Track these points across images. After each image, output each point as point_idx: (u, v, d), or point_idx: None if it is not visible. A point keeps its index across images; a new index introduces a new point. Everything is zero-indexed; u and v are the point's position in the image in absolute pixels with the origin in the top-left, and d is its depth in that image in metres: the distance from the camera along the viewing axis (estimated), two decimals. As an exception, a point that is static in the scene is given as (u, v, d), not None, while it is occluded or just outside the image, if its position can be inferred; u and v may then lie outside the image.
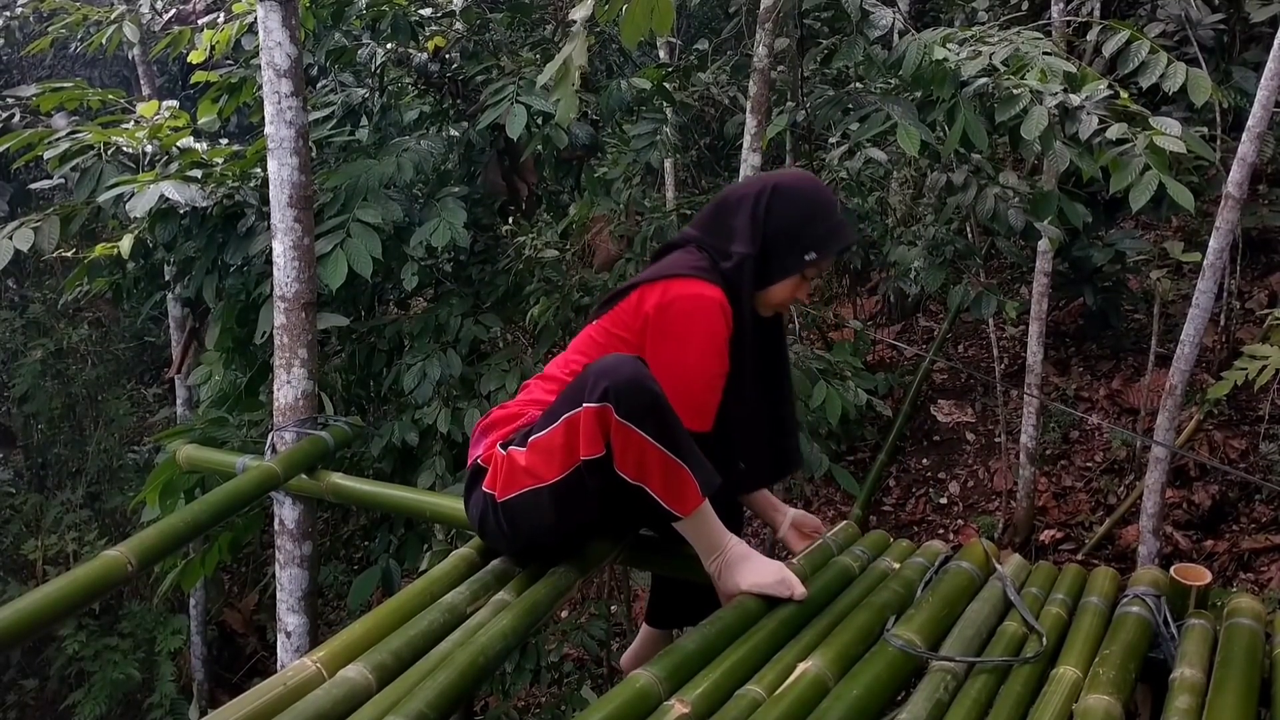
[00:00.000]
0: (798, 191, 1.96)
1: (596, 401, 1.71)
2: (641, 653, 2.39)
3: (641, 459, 1.73)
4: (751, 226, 1.93)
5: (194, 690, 5.90)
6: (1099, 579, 2.01)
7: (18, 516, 6.80)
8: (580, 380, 1.77)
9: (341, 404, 3.72)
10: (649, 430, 1.71)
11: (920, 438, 6.09)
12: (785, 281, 1.96)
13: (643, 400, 1.71)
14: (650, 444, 1.72)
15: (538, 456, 1.82)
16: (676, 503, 1.77)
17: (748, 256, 1.92)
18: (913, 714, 1.51)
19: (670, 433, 1.73)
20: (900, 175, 5.66)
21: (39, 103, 3.66)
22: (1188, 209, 2.76)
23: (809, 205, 1.95)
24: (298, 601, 2.84)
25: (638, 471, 1.74)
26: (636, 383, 1.72)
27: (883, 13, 3.23)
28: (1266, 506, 4.86)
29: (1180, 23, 4.82)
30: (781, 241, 1.93)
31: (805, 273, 1.96)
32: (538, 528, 1.88)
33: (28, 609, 1.82)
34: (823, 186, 2.06)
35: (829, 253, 1.96)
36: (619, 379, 1.71)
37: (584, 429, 1.73)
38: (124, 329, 7.81)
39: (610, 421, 1.71)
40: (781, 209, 1.93)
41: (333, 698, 1.51)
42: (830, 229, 1.95)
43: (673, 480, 1.75)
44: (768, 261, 1.94)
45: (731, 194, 2.02)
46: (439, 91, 3.91)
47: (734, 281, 1.92)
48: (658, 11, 2.37)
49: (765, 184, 1.98)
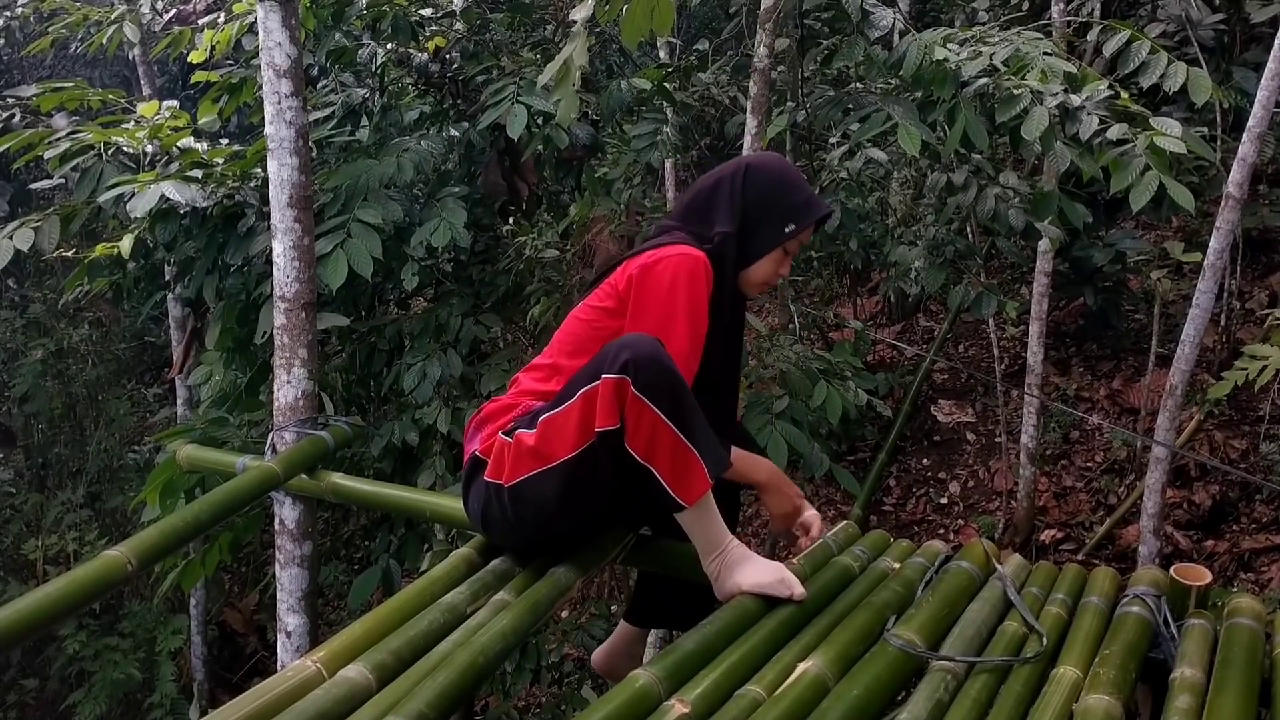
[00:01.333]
0: (770, 168, 2.02)
1: (616, 373, 1.72)
2: (615, 649, 2.39)
3: (653, 437, 1.73)
4: (729, 206, 1.97)
5: (194, 690, 5.91)
6: (1099, 579, 2.01)
7: (18, 516, 6.80)
8: (600, 356, 1.78)
9: (341, 404, 3.72)
10: (664, 408, 1.72)
11: (920, 438, 6.09)
12: (768, 256, 1.99)
13: (661, 376, 1.73)
14: (663, 422, 1.72)
15: (551, 433, 1.81)
16: (682, 489, 1.77)
17: (729, 235, 1.95)
18: (913, 714, 1.51)
19: (684, 414, 1.74)
20: (900, 175, 5.66)
21: (39, 103, 3.66)
22: (1188, 209, 2.76)
23: (782, 179, 2.00)
24: (298, 601, 2.85)
25: (647, 450, 1.74)
26: (657, 359, 1.73)
27: (883, 13, 3.23)
28: (1267, 506, 4.86)
29: (1180, 23, 4.82)
30: (760, 216, 1.97)
31: (786, 246, 2.00)
32: (545, 513, 1.87)
33: (28, 609, 1.82)
34: (791, 164, 2.11)
35: (807, 223, 1.99)
36: (640, 353, 1.73)
37: (601, 400, 1.74)
38: (124, 329, 7.82)
39: (627, 394, 1.72)
40: (757, 185, 1.98)
41: (333, 698, 1.51)
42: (806, 200, 1.99)
43: (680, 464, 1.75)
44: (749, 238, 1.97)
45: (705, 180, 2.05)
46: (439, 91, 3.91)
47: (717, 260, 1.94)
48: (658, 11, 2.37)
49: (738, 165, 2.02)
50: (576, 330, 1.97)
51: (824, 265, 6.86)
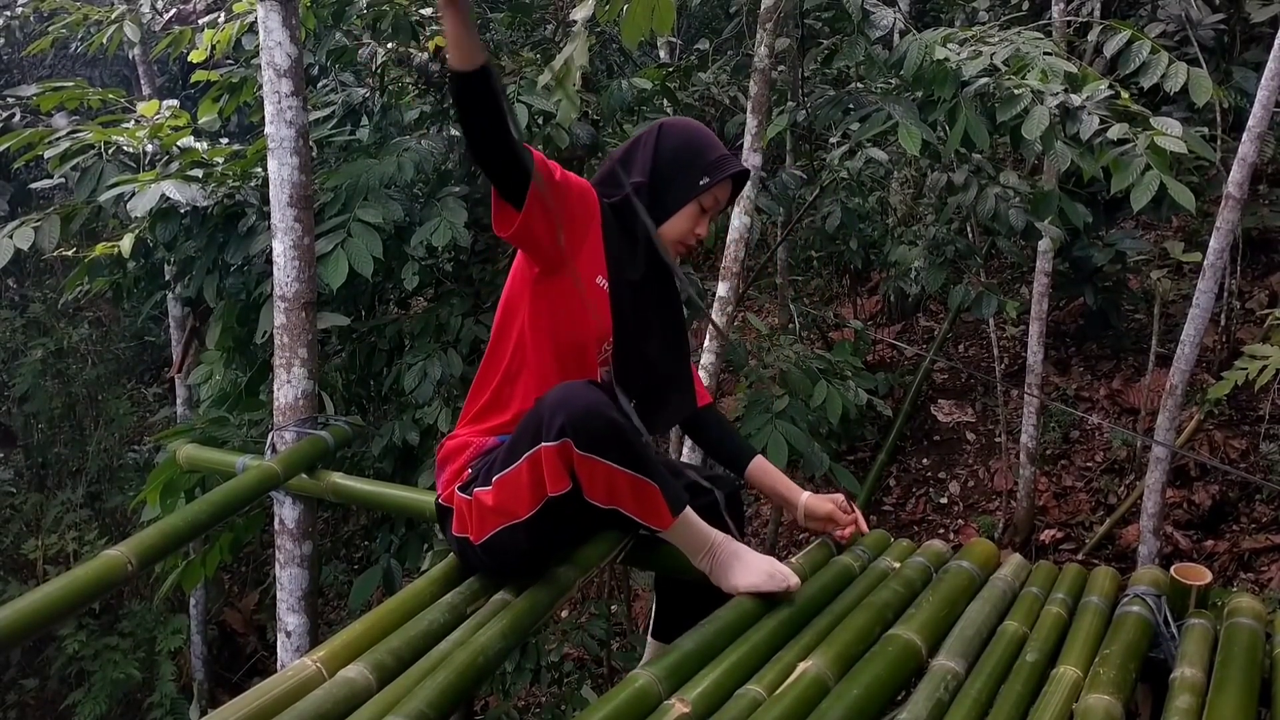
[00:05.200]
0: (684, 126, 2.01)
1: (555, 440, 1.69)
2: None
3: (611, 485, 1.72)
4: (642, 160, 1.95)
5: (194, 690, 5.91)
6: (1099, 579, 2.01)
7: (18, 516, 6.80)
8: (535, 415, 1.74)
9: (342, 404, 3.72)
10: (612, 458, 1.69)
11: (920, 437, 6.10)
12: (683, 211, 1.96)
13: (601, 429, 1.69)
14: (617, 470, 1.70)
15: (505, 494, 1.79)
16: (653, 518, 1.77)
17: (641, 185, 1.93)
18: (913, 714, 1.51)
19: (634, 453, 1.71)
20: (901, 175, 5.66)
21: (39, 102, 3.66)
22: (1188, 209, 2.76)
23: (697, 136, 1.98)
24: (298, 601, 2.84)
25: (608, 497, 1.73)
26: (592, 411, 1.69)
27: (884, 13, 3.23)
28: (1267, 506, 4.86)
29: (1181, 23, 4.82)
30: (674, 170, 1.94)
31: (702, 202, 1.97)
32: (523, 558, 1.87)
33: (28, 609, 1.81)
34: (706, 127, 2.08)
35: (721, 177, 1.95)
36: (574, 411, 1.68)
37: (547, 467, 1.71)
38: (124, 329, 7.82)
39: (572, 456, 1.69)
40: (671, 141, 1.96)
41: (333, 697, 1.51)
42: (720, 157, 1.96)
43: (645, 498, 1.75)
44: (663, 192, 1.95)
45: (622, 146, 2.05)
46: (439, 91, 3.91)
47: (627, 208, 1.92)
48: (658, 11, 2.37)
49: (653, 127, 2.01)
50: (503, 318, 1.95)
51: (824, 265, 6.86)
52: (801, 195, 4.52)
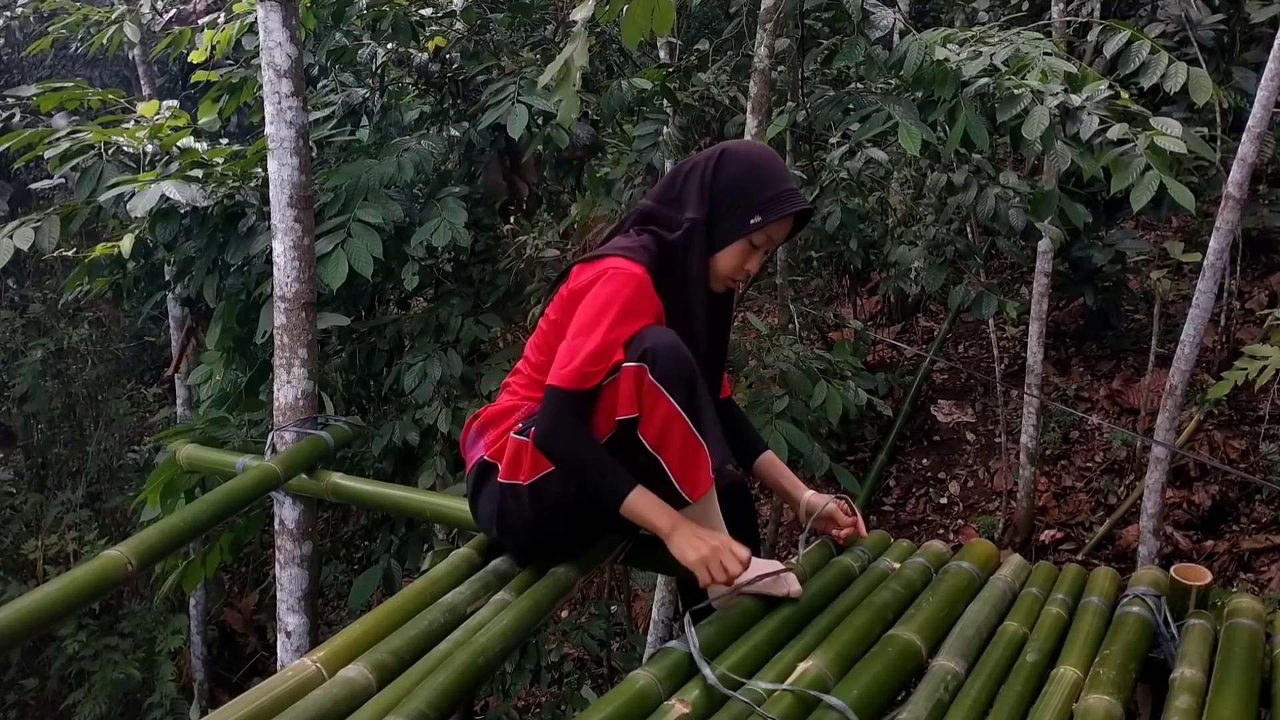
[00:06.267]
0: (745, 156, 1.94)
1: (635, 360, 1.75)
2: None
3: (666, 427, 1.76)
4: (700, 191, 1.91)
5: (194, 690, 5.91)
6: (1099, 579, 2.01)
7: (18, 516, 6.80)
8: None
9: (342, 404, 3.72)
10: (678, 397, 1.74)
11: (920, 438, 6.09)
12: (732, 247, 1.91)
13: (679, 367, 1.75)
14: (677, 412, 1.75)
15: None
16: (688, 483, 1.79)
17: (698, 222, 1.90)
18: (913, 714, 1.51)
19: (697, 404, 1.77)
20: (901, 175, 5.65)
21: (39, 103, 3.66)
22: (1188, 209, 2.75)
23: (756, 169, 1.91)
24: (298, 601, 2.84)
25: (658, 440, 1.77)
26: (676, 350, 1.76)
27: (883, 13, 3.23)
28: (1266, 506, 4.86)
29: (1180, 23, 4.83)
30: (728, 204, 1.90)
31: (753, 239, 1.91)
32: (565, 507, 1.89)
33: (28, 609, 1.82)
34: (773, 153, 2.02)
35: (774, 217, 1.90)
36: (660, 341, 1.75)
37: (622, 388, 1.76)
38: (124, 329, 7.82)
39: (644, 382, 1.74)
40: (728, 172, 1.91)
41: (333, 697, 1.51)
42: (777, 194, 1.90)
43: (689, 458, 1.78)
44: (716, 224, 1.91)
45: (685, 162, 2.01)
46: (439, 91, 3.91)
47: (682, 250, 1.90)
48: (658, 12, 2.37)
49: (716, 150, 1.96)
50: (540, 344, 1.97)
51: (824, 265, 6.86)
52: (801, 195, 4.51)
